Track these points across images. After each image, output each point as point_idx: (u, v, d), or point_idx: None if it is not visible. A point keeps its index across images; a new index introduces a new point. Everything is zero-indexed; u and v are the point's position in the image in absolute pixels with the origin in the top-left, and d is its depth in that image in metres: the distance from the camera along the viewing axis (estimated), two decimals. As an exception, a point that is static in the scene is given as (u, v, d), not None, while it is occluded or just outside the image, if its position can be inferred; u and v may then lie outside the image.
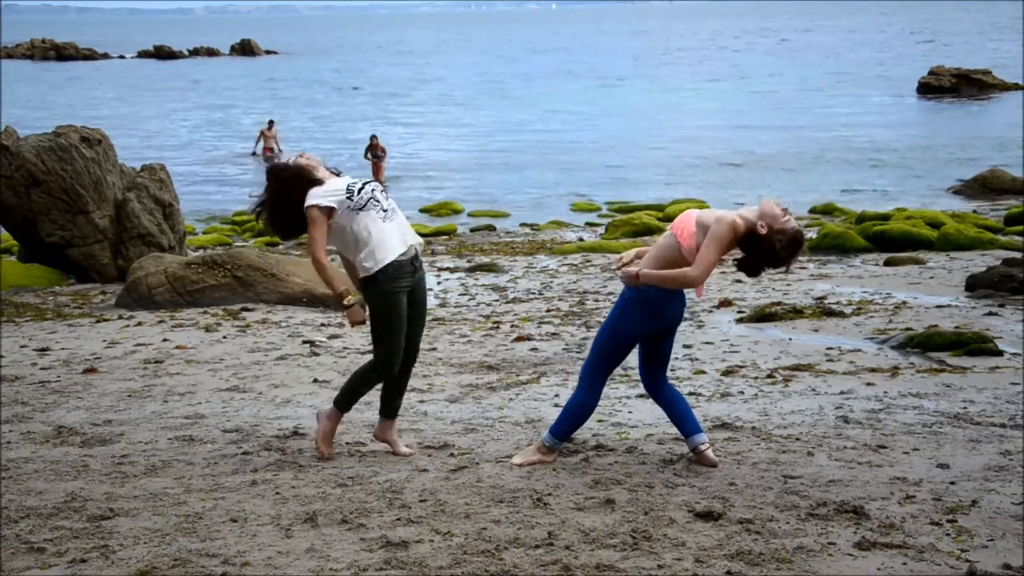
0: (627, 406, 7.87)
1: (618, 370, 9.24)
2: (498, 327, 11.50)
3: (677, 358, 9.72)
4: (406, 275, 6.42)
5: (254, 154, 34.85)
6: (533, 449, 6.47)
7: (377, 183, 6.66)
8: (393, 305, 6.39)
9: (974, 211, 21.72)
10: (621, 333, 6.20)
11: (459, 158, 34.62)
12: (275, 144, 34.21)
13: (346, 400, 6.67)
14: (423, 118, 46.73)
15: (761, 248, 5.94)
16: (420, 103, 53.79)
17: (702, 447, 6.28)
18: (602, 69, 72.95)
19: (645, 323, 6.14)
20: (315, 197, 6.39)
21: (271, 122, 35.28)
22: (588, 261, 16.53)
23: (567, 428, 6.39)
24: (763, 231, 5.91)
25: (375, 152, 29.98)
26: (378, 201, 6.43)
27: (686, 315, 11.86)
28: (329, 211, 6.37)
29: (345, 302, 6.45)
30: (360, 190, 6.42)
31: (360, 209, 6.37)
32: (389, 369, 6.53)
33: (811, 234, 18.78)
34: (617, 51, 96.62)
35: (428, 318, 12.16)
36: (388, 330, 6.42)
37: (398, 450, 6.68)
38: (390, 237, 6.38)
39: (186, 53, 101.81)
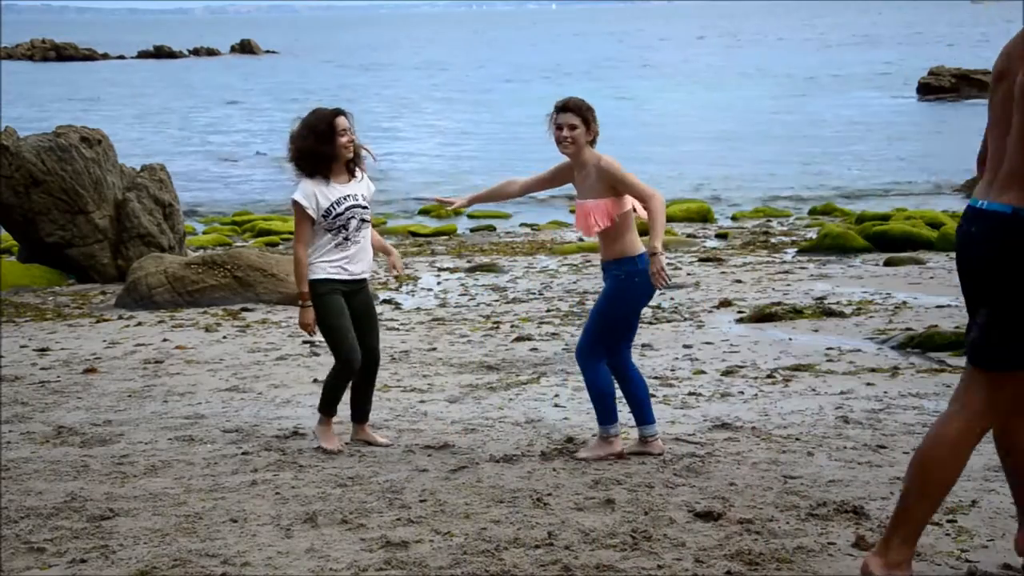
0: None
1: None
2: (498, 327, 11.50)
3: (677, 358, 9.73)
4: (336, 288, 6.66)
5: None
6: (596, 443, 6.51)
7: (362, 208, 6.72)
8: (326, 306, 6.62)
9: (974, 211, 21.71)
10: (632, 309, 6.35)
11: (454, 159, 34.59)
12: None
13: (322, 402, 6.89)
14: (409, 120, 46.67)
15: None
16: (406, 104, 53.78)
17: (650, 437, 6.50)
18: (591, 71, 72.90)
19: (645, 295, 6.34)
20: (301, 193, 6.60)
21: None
22: (588, 261, 16.53)
23: (605, 411, 6.46)
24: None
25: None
26: (346, 228, 6.62)
27: (686, 315, 11.89)
28: (305, 210, 6.59)
29: (301, 302, 6.71)
30: (337, 215, 6.60)
31: (328, 230, 6.62)
32: (349, 364, 6.68)
33: (811, 234, 18.79)
34: (608, 52, 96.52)
35: (428, 318, 12.24)
36: (331, 326, 6.65)
37: (377, 441, 6.90)
38: (332, 261, 6.63)
39: (186, 53, 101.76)
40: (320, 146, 6.58)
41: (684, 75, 66.00)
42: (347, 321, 6.66)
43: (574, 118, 6.33)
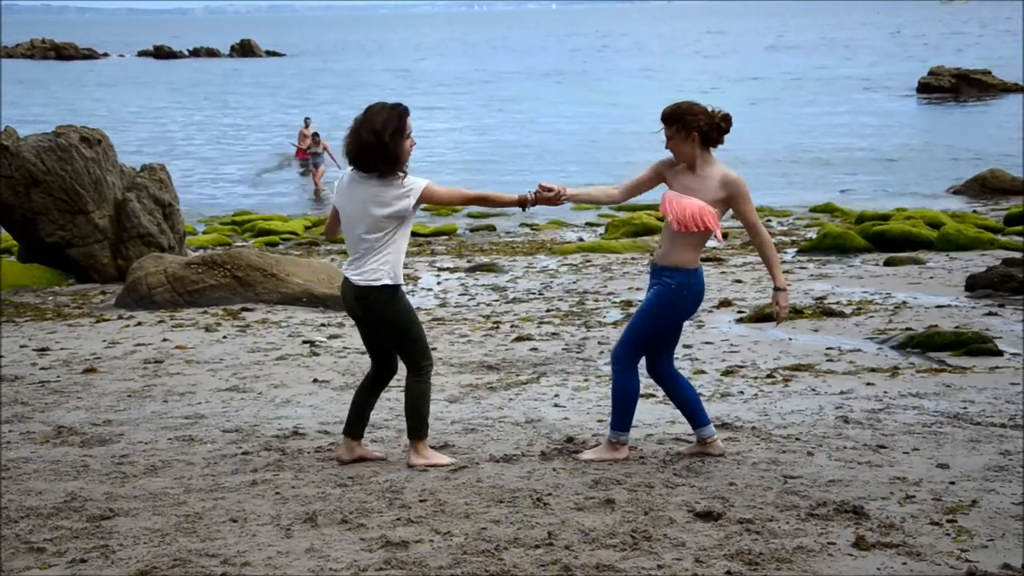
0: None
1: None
2: (498, 327, 11.51)
3: (677, 358, 9.72)
4: None
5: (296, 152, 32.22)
6: (604, 446, 6.50)
7: None
8: (412, 309, 6.34)
9: (974, 211, 21.73)
10: (674, 322, 6.31)
11: (450, 158, 34.59)
12: (313, 146, 28.74)
13: (421, 424, 6.40)
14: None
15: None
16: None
17: (708, 439, 6.47)
18: (585, 73, 72.91)
19: (689, 311, 6.32)
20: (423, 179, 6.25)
21: (307, 120, 31.48)
22: (588, 261, 16.53)
23: (624, 416, 6.43)
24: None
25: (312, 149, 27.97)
26: None
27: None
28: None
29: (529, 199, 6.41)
30: None
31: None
32: (431, 365, 6.42)
33: (811, 234, 18.79)
34: (599, 53, 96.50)
35: (428, 318, 12.25)
36: (419, 327, 6.33)
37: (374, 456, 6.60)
38: (405, 265, 6.29)
39: (186, 53, 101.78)
40: (403, 145, 6.13)
41: (678, 78, 65.95)
42: None
43: (667, 127, 6.26)
